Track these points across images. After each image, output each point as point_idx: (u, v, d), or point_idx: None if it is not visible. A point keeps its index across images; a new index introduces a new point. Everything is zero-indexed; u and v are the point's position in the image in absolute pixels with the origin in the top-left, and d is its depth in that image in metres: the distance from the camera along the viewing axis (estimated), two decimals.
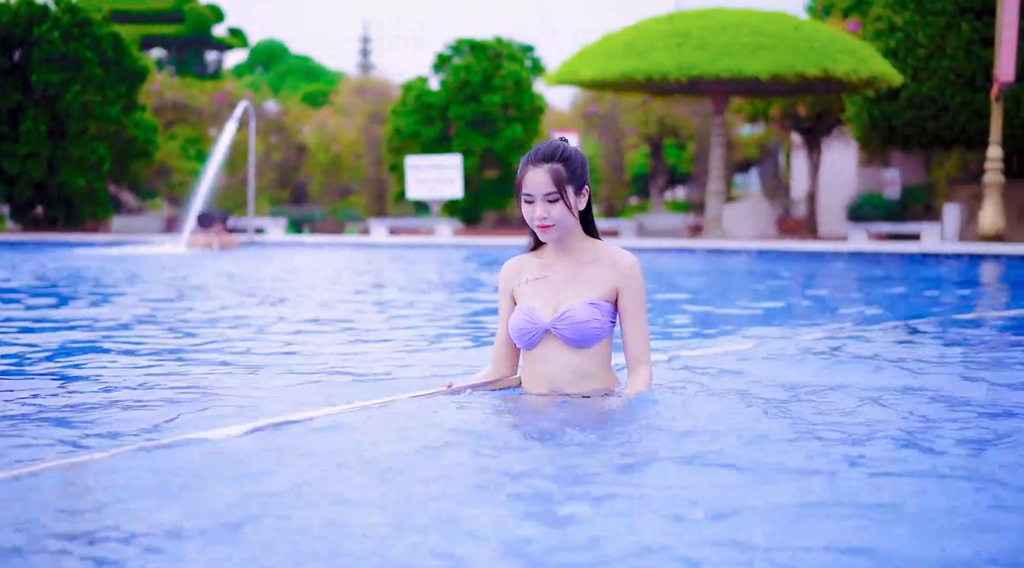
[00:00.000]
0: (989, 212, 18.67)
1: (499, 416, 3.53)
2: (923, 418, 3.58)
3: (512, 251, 17.20)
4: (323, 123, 33.28)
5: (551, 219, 3.56)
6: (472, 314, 7.99)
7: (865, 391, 4.04)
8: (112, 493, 2.69)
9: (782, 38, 20.88)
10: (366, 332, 6.55)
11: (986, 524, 2.46)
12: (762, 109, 28.39)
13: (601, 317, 3.63)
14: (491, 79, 27.13)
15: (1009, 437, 3.30)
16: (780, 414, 3.62)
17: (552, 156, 3.57)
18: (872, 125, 23.71)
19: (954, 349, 5.46)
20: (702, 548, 2.28)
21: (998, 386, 4.24)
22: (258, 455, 3.07)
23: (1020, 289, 10.58)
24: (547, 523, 2.45)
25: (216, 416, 3.63)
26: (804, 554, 2.25)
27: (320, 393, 4.10)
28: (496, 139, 26.94)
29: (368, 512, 2.53)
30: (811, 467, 2.94)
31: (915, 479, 2.82)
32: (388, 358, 5.26)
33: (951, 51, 22.08)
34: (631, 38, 22.01)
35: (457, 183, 23.24)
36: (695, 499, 2.60)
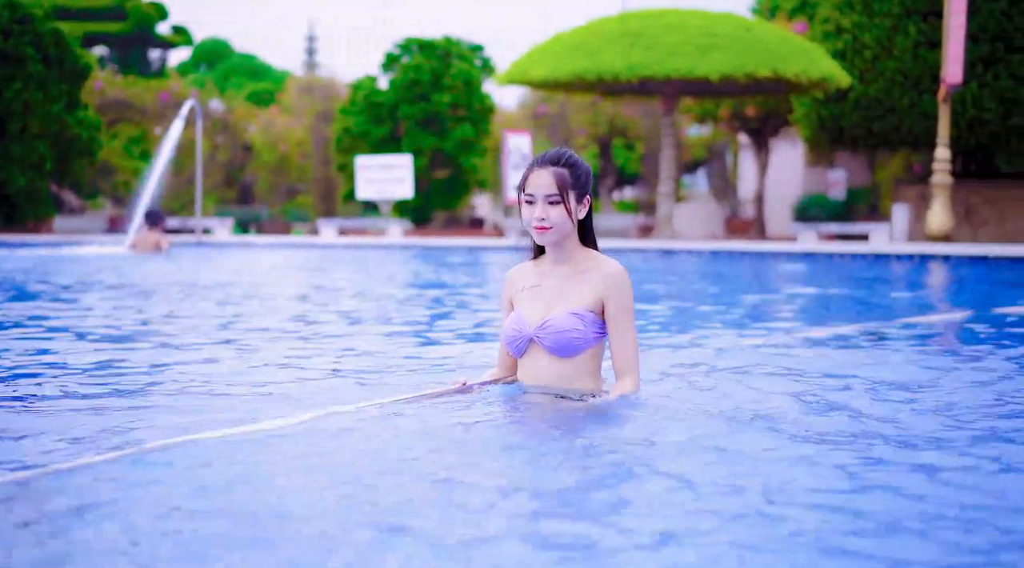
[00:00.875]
0: (937, 212, 18.83)
1: (487, 417, 3.53)
2: (915, 420, 3.54)
3: (461, 252, 17.08)
4: (270, 122, 32.92)
5: (549, 221, 3.58)
6: (442, 315, 7.86)
7: (860, 389, 3.99)
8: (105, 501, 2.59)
9: (732, 39, 20.94)
10: (361, 334, 6.39)
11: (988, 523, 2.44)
12: (711, 110, 28.52)
13: (583, 327, 3.61)
14: (441, 79, 26.99)
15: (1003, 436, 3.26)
16: (757, 417, 3.58)
17: (558, 160, 3.61)
18: (820, 126, 23.88)
19: (938, 350, 5.43)
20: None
21: (997, 387, 4.21)
22: (267, 455, 3.07)
23: (991, 289, 10.64)
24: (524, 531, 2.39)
25: (209, 420, 3.48)
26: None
27: (322, 394, 4.05)
28: (446, 139, 26.80)
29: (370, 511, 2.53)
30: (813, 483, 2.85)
31: (897, 479, 2.82)
32: (393, 358, 5.19)
33: (898, 53, 22.28)
34: (582, 38, 21.97)
35: (407, 183, 23.06)
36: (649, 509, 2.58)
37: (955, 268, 13.81)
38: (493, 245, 19.64)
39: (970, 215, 23.14)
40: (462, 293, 10.24)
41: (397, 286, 11.10)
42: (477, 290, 10.75)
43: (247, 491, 2.70)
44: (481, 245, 19.78)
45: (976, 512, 2.54)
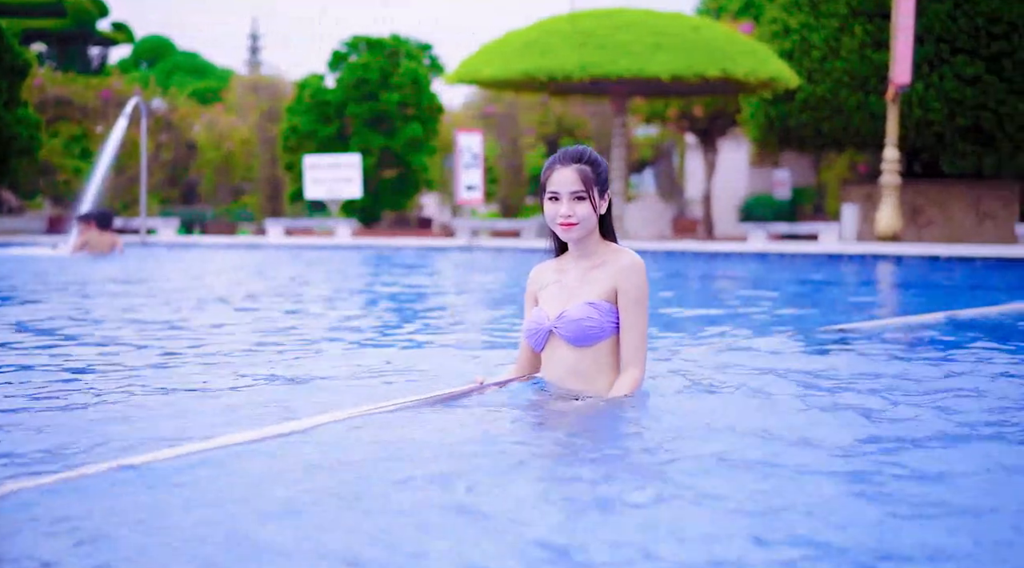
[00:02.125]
0: (886, 212, 18.97)
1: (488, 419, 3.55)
2: (906, 421, 3.46)
3: (410, 252, 16.90)
4: (214, 121, 32.44)
5: (576, 217, 3.65)
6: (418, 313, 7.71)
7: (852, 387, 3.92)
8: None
9: (682, 39, 20.95)
10: (349, 337, 6.22)
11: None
12: (659, 110, 28.57)
13: (598, 316, 3.68)
14: (389, 77, 26.75)
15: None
16: (746, 416, 3.57)
17: (580, 157, 3.70)
18: (768, 126, 23.98)
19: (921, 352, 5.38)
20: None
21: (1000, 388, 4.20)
22: (276, 461, 3.03)
23: (958, 289, 10.68)
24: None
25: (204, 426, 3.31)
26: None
27: (317, 398, 4.01)
28: (394, 138, 26.58)
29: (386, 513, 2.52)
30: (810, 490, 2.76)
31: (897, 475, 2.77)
32: (390, 362, 5.10)
33: (845, 54, 22.43)
34: (532, 37, 21.86)
35: (356, 183, 22.83)
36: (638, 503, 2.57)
37: (911, 268, 13.87)
38: (444, 245, 19.48)
39: (916, 215, 23.38)
40: (429, 294, 10.09)
41: (371, 289, 10.92)
42: (443, 291, 10.60)
43: (268, 497, 2.64)
44: (432, 245, 19.62)
45: (974, 508, 2.54)
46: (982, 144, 22.40)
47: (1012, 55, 21.57)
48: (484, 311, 8.22)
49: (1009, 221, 23.42)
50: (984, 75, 21.64)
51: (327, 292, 10.11)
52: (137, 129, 23.84)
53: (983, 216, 23.56)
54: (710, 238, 28.26)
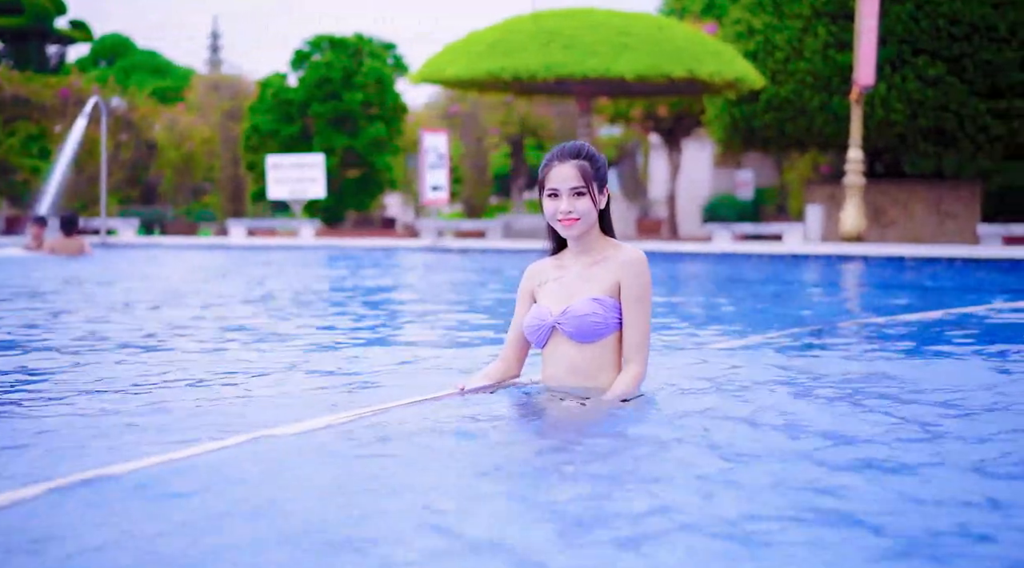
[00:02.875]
0: (851, 213, 19.05)
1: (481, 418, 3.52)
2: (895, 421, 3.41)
3: (376, 253, 16.74)
4: (175, 120, 32.11)
5: (576, 213, 3.64)
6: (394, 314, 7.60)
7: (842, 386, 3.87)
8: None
9: (647, 39, 20.95)
10: (333, 339, 6.10)
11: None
12: (624, 110, 28.58)
13: (602, 311, 3.66)
14: (352, 77, 26.58)
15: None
16: (738, 417, 3.52)
17: (578, 153, 3.69)
18: (733, 127, 24.04)
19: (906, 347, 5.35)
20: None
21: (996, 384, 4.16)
22: (268, 461, 3.00)
23: (929, 290, 10.70)
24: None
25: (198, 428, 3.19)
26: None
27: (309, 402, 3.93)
28: (358, 138, 26.42)
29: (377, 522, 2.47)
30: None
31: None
32: (374, 364, 5.03)
33: (808, 55, 22.52)
34: (497, 37, 21.79)
35: (319, 183, 22.65)
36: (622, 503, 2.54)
37: (880, 269, 13.90)
38: (410, 246, 19.35)
39: (878, 215, 23.51)
40: (399, 295, 9.98)
41: (341, 290, 10.79)
42: (413, 292, 10.50)
43: (240, 507, 2.56)
44: (398, 246, 19.49)
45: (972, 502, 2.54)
46: (944, 145, 22.56)
47: (973, 56, 21.75)
48: (456, 312, 8.13)
49: (970, 221, 23.60)
50: (946, 76, 21.80)
51: (300, 295, 9.98)
52: (97, 128, 23.53)
53: (944, 216, 23.74)
54: (675, 238, 28.30)
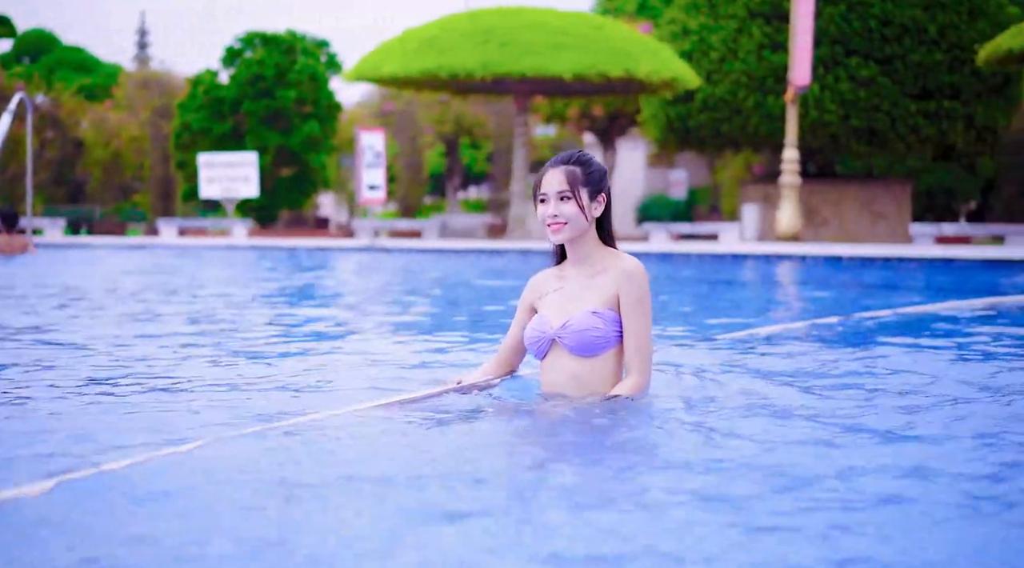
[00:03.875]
0: (787, 213, 19.17)
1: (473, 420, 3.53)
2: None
3: (313, 253, 16.47)
4: (102, 118, 31.44)
5: (562, 217, 3.61)
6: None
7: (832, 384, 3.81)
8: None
9: (585, 38, 20.91)
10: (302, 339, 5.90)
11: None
12: (560, 110, 28.56)
13: (603, 326, 3.63)
14: (285, 74, 26.22)
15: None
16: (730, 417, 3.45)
17: (569, 159, 3.68)
18: (668, 127, 24.10)
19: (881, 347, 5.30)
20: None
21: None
22: (264, 458, 2.98)
23: (884, 288, 10.75)
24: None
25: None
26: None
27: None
28: (291, 136, 26.08)
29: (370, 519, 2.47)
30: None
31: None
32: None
33: (743, 55, 22.65)
34: (433, 34, 21.61)
35: (253, 181, 22.30)
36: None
37: (822, 268, 13.97)
38: (346, 246, 19.11)
39: (812, 215, 23.71)
40: (343, 296, 9.79)
41: (283, 291, 10.56)
42: (355, 292, 10.31)
43: (230, 506, 2.53)
44: (334, 246, 19.23)
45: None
46: (876, 145, 22.83)
47: (904, 58, 22.04)
48: (402, 313, 7.98)
49: (901, 221, 23.92)
50: (878, 77, 22.07)
51: (243, 296, 9.75)
52: (22, 125, 22.92)
53: (876, 216, 24.02)
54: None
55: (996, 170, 30.24)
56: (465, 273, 13.30)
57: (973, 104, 22.56)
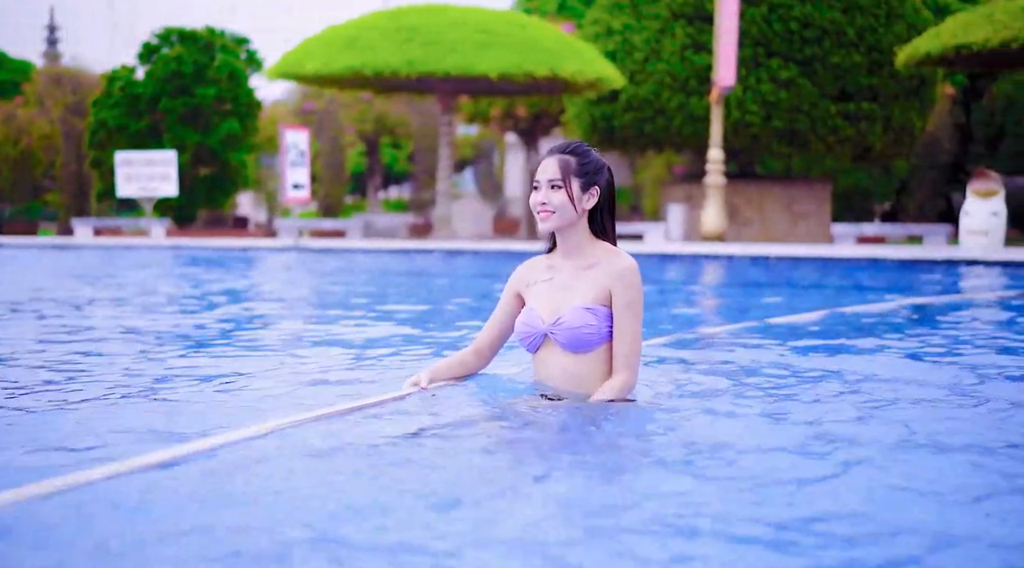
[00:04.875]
0: (712, 213, 19.29)
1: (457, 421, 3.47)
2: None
3: (239, 253, 16.18)
4: (10, 114, 30.54)
5: (551, 205, 3.63)
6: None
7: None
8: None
9: (510, 37, 20.83)
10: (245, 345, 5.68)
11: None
12: (483, 109, 28.45)
13: (596, 322, 3.63)
14: (204, 71, 25.73)
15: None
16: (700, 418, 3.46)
17: (565, 149, 3.70)
18: (592, 126, 24.13)
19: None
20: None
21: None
22: (234, 465, 2.88)
23: (816, 287, 10.80)
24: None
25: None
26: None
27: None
28: (211, 134, 25.60)
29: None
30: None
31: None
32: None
33: (666, 56, 22.75)
34: (356, 32, 21.34)
35: (172, 180, 21.84)
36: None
37: (749, 268, 14.04)
38: (270, 246, 18.79)
39: (733, 215, 23.92)
40: (277, 297, 9.56)
41: (212, 293, 10.29)
42: (287, 293, 10.08)
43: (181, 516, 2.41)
44: (257, 246, 18.89)
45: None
46: (796, 146, 23.10)
47: (823, 60, 22.33)
48: (344, 315, 7.81)
49: (821, 221, 24.23)
50: (798, 79, 22.32)
51: (174, 298, 9.48)
52: None
53: (797, 216, 24.31)
54: (533, 238, 28.29)
55: (910, 171, 30.85)
56: (396, 273, 13.13)
57: (891, 106, 22.95)
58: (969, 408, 3.80)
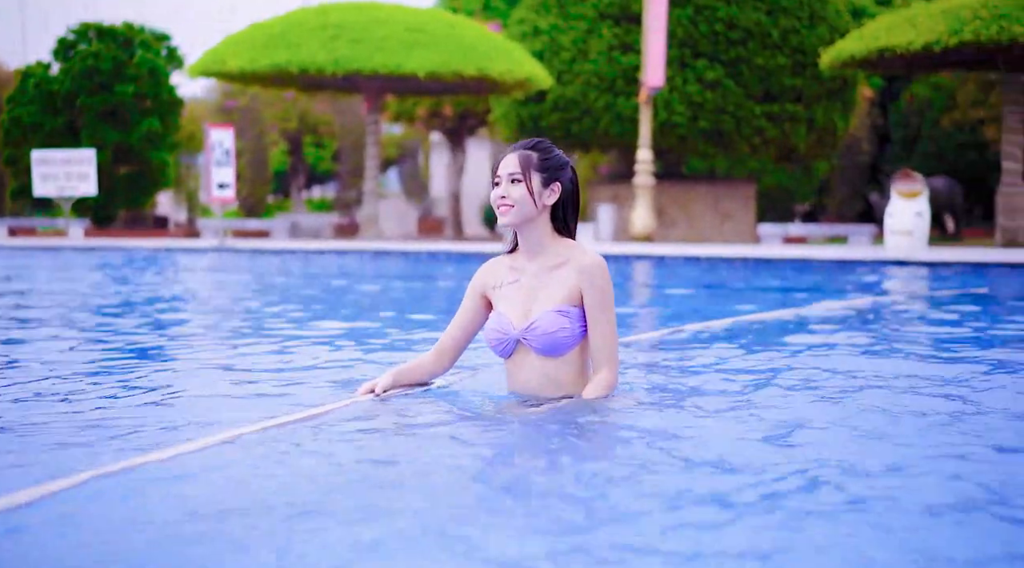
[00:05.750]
0: (641, 213, 19.34)
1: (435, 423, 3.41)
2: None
3: (163, 254, 15.85)
4: None
5: (510, 200, 3.55)
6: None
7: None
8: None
9: (438, 36, 20.69)
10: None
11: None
12: (409, 109, 28.23)
13: (569, 325, 3.57)
14: (123, 68, 25.16)
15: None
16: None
17: (528, 145, 3.63)
18: (520, 127, 24.06)
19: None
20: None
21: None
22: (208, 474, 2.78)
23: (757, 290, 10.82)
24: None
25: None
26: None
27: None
28: (130, 132, 25.04)
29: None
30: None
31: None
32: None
33: (593, 56, 22.76)
34: (282, 29, 21.04)
35: (91, 180, 21.30)
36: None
37: (683, 269, 14.07)
38: (195, 247, 18.41)
39: (661, 215, 24.03)
40: (217, 300, 9.31)
41: (141, 296, 9.98)
42: (221, 296, 9.83)
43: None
44: (182, 247, 18.50)
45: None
46: (722, 147, 23.27)
47: (748, 61, 22.52)
48: (278, 317, 7.61)
49: (746, 221, 24.46)
50: (724, 80, 22.48)
51: (98, 302, 9.18)
52: None
53: (723, 216, 24.50)
54: (460, 238, 28.16)
55: (830, 172, 31.32)
56: (328, 275, 12.91)
57: (814, 107, 23.22)
58: (917, 405, 3.85)
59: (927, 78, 28.30)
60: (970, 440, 3.26)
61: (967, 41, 16.83)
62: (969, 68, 20.55)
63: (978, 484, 2.72)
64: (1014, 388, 4.29)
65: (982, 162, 27.98)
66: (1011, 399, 4.04)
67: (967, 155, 28.19)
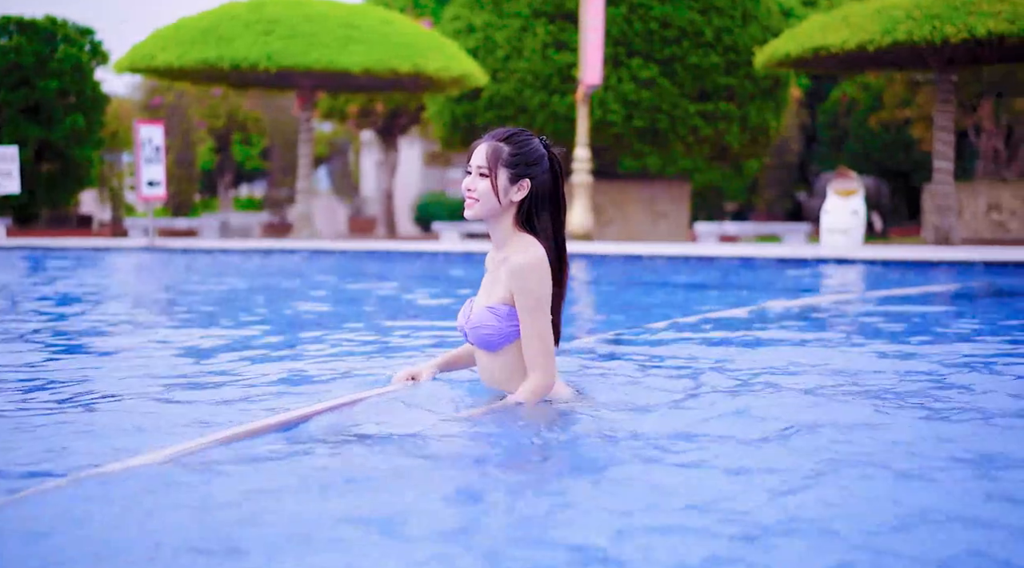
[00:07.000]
0: (579, 212, 19.26)
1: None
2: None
3: (92, 254, 15.42)
4: None
5: (475, 193, 3.49)
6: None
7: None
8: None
9: (373, 32, 20.40)
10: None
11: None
12: (341, 106, 27.89)
13: (496, 323, 3.50)
14: (46, 63, 24.49)
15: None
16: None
17: (502, 136, 3.53)
18: (454, 124, 23.88)
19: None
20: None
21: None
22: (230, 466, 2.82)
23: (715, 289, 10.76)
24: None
25: None
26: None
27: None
28: (53, 129, 24.38)
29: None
30: None
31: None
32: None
33: (528, 53, 22.66)
34: (211, 23, 20.58)
35: (14, 178, 20.62)
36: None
37: (627, 268, 13.99)
38: (125, 246, 17.94)
39: (597, 213, 24.01)
40: (170, 300, 9.00)
41: (73, 299, 9.63)
42: (165, 296, 9.53)
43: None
44: (111, 246, 18.02)
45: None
46: (657, 145, 23.30)
47: (683, 60, 22.57)
48: (218, 319, 7.36)
49: (680, 219, 24.53)
50: (658, 78, 22.51)
51: (18, 304, 8.84)
52: None
53: (658, 215, 24.55)
54: (393, 237, 27.90)
55: (760, 170, 31.59)
56: (264, 274, 12.63)
57: (747, 106, 23.35)
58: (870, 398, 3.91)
59: (854, 78, 28.64)
60: (928, 438, 3.31)
61: (900, 41, 17.00)
62: (901, 68, 20.79)
63: (931, 481, 2.77)
64: (989, 386, 4.28)
65: (908, 161, 28.40)
66: (1002, 398, 3.99)
67: (894, 155, 28.59)
